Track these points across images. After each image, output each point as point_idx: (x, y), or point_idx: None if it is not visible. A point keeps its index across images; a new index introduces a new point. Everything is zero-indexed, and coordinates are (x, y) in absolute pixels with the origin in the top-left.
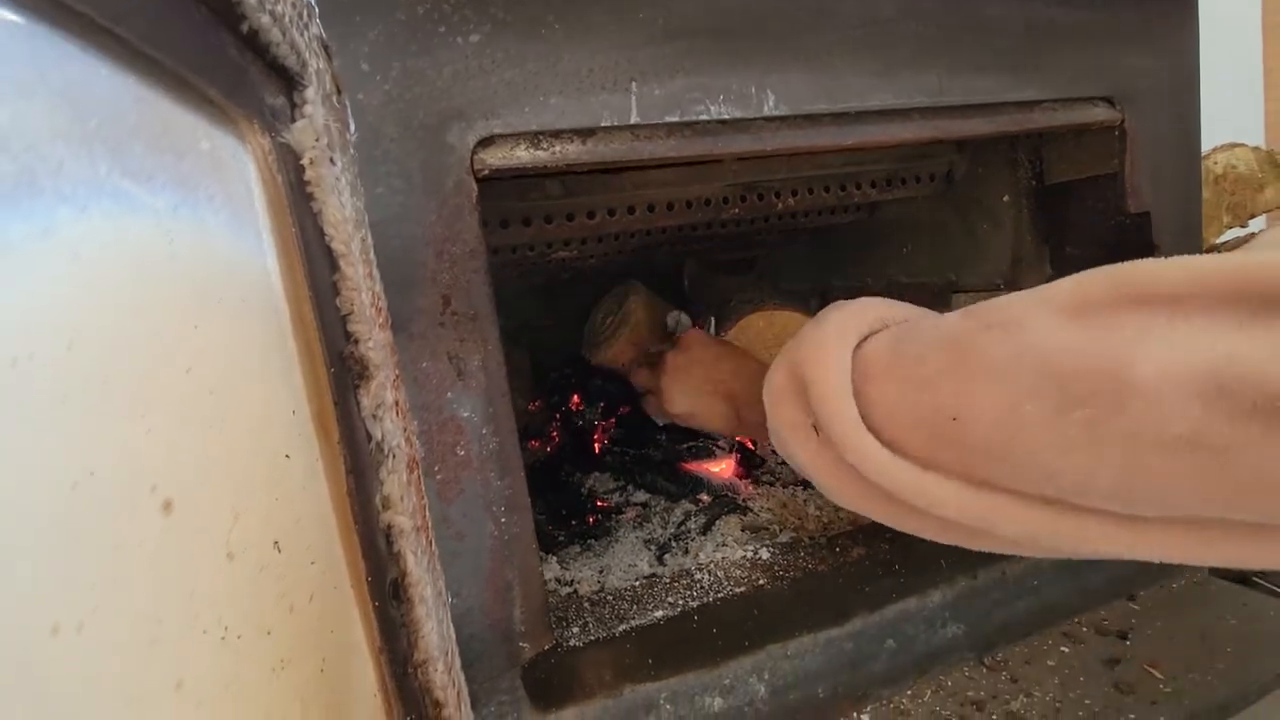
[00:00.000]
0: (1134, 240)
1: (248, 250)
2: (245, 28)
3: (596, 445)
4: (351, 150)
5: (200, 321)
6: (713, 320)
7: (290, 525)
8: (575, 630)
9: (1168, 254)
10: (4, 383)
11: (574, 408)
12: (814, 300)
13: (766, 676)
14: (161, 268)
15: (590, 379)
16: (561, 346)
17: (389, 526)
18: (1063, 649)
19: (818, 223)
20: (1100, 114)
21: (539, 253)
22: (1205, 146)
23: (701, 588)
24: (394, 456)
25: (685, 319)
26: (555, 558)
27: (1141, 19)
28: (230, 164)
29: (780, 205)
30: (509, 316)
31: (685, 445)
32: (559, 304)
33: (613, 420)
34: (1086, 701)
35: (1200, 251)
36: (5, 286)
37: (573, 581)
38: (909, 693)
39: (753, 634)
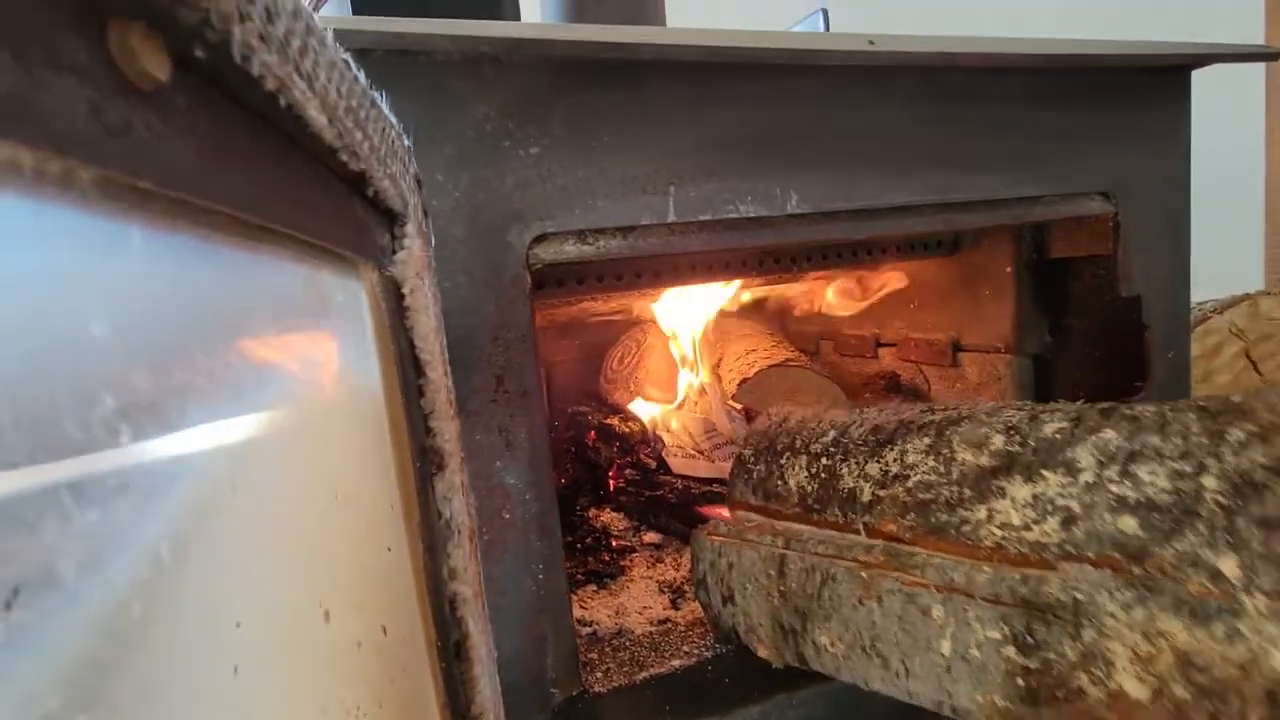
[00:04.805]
0: (1127, 319)
1: (363, 373)
2: (370, 191)
3: (611, 483)
4: (432, 262)
5: (337, 449)
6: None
7: (391, 609)
8: (599, 675)
9: (1158, 335)
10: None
11: (589, 443)
12: (823, 342)
13: None
14: (315, 420)
15: (606, 416)
16: (580, 381)
17: (454, 595)
18: None
19: (830, 274)
20: (1096, 207)
21: (566, 302)
22: (1210, 217)
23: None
24: (459, 531)
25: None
26: (575, 596)
27: (1136, 120)
28: (353, 305)
29: (797, 268)
30: None
31: (699, 490)
32: (580, 340)
33: (627, 459)
34: None
35: (1189, 335)
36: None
37: (592, 622)
38: None
39: (761, 684)
